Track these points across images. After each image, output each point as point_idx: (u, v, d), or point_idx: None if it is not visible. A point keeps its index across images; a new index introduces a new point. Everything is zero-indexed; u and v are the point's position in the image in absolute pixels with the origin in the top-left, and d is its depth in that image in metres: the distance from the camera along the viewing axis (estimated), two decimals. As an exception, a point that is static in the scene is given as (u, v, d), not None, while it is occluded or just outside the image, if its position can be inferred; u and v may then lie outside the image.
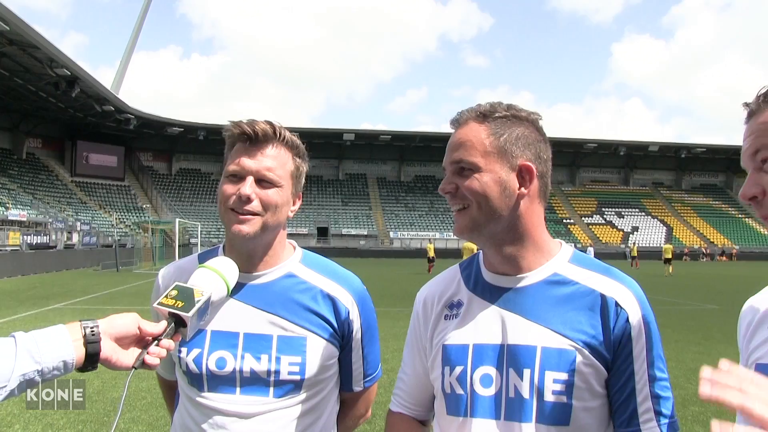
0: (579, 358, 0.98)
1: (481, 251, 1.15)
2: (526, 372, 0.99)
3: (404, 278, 19.79)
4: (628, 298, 1.01)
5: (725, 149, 55.44)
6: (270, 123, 1.18)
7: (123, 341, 0.95)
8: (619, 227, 52.79)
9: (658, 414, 0.98)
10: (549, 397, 0.98)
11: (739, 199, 0.91)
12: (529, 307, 1.03)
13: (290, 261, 1.26)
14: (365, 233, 48.30)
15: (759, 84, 0.92)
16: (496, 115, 1.03)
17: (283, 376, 1.16)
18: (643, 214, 55.02)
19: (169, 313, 0.97)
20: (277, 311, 1.19)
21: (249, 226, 1.14)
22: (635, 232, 51.80)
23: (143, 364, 0.94)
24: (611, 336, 0.99)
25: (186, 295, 0.99)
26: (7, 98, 34.63)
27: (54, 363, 0.86)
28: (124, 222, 40.47)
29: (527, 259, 1.05)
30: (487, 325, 1.05)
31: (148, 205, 43.92)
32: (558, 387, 0.97)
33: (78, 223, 32.25)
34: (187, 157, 53.28)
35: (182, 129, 46.33)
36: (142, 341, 0.97)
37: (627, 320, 0.99)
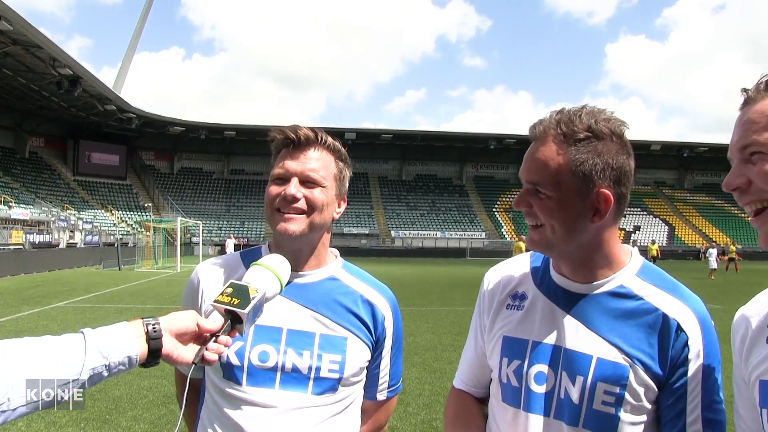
0: (632, 375, 1.00)
1: None
2: (579, 379, 1.02)
3: (406, 277, 19.78)
4: (691, 321, 1.01)
5: (728, 148, 55.18)
6: (312, 128, 1.23)
7: (182, 338, 0.98)
8: (620, 226, 52.22)
9: None
10: (597, 407, 1.00)
11: (723, 188, 0.90)
12: (591, 316, 1.05)
13: (333, 265, 1.31)
14: (367, 232, 48.29)
15: (754, 84, 0.90)
16: (578, 136, 0.99)
17: (324, 373, 1.19)
18: (645, 213, 54.90)
19: (226, 310, 0.99)
20: (321, 310, 1.23)
21: (295, 225, 1.18)
22: (637, 232, 51.70)
23: (203, 360, 0.96)
24: (668, 357, 1.00)
25: (241, 293, 1.01)
26: (10, 97, 34.70)
27: (120, 358, 0.89)
28: (126, 221, 40.55)
29: (596, 271, 1.07)
30: (548, 325, 1.08)
31: (150, 204, 43.99)
32: (608, 398, 1.00)
33: (80, 222, 32.31)
34: (189, 156, 53.33)
35: (184, 128, 46.36)
36: (201, 338, 0.99)
37: (686, 343, 1.00)
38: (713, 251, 22.53)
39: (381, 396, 1.33)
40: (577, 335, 1.04)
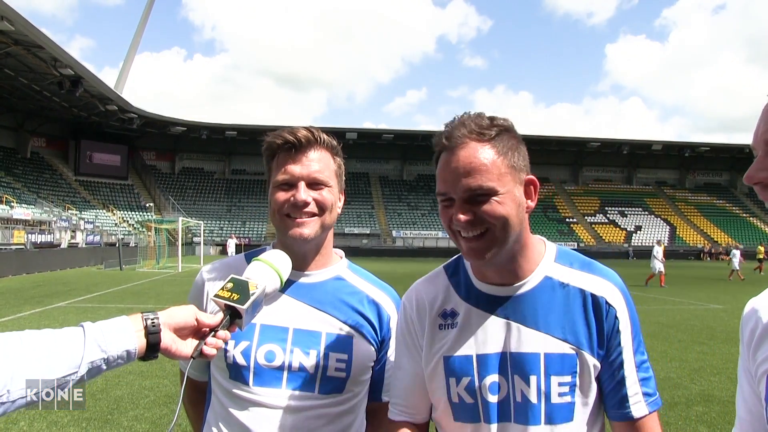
0: (579, 360, 1.04)
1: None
2: (533, 378, 1.03)
3: (407, 277, 19.73)
4: (615, 295, 1.08)
5: (729, 148, 55.20)
6: (308, 129, 1.22)
7: (181, 332, 0.98)
8: (622, 226, 52.63)
9: (645, 395, 1.07)
10: (555, 400, 1.03)
11: (744, 181, 0.86)
12: (527, 314, 1.06)
13: (339, 265, 1.32)
14: (368, 232, 48.31)
15: (754, 84, 0.85)
16: (491, 133, 1.00)
17: (331, 372, 1.19)
18: (647, 213, 54.84)
19: (225, 305, 0.99)
20: (327, 309, 1.24)
21: (309, 229, 1.19)
22: (638, 232, 51.64)
23: (201, 354, 0.97)
24: (604, 333, 1.06)
25: (241, 288, 1.01)
26: (11, 98, 34.75)
27: (118, 352, 0.90)
28: (128, 221, 40.60)
29: (522, 267, 1.08)
30: (488, 336, 1.07)
31: (151, 204, 43.96)
32: (563, 389, 1.03)
33: (82, 222, 32.32)
34: (190, 156, 53.39)
35: (185, 128, 46.39)
36: (200, 332, 1.00)
37: (616, 316, 1.06)
38: (737, 252, 22.11)
39: (386, 396, 1.32)
40: (519, 337, 1.05)
